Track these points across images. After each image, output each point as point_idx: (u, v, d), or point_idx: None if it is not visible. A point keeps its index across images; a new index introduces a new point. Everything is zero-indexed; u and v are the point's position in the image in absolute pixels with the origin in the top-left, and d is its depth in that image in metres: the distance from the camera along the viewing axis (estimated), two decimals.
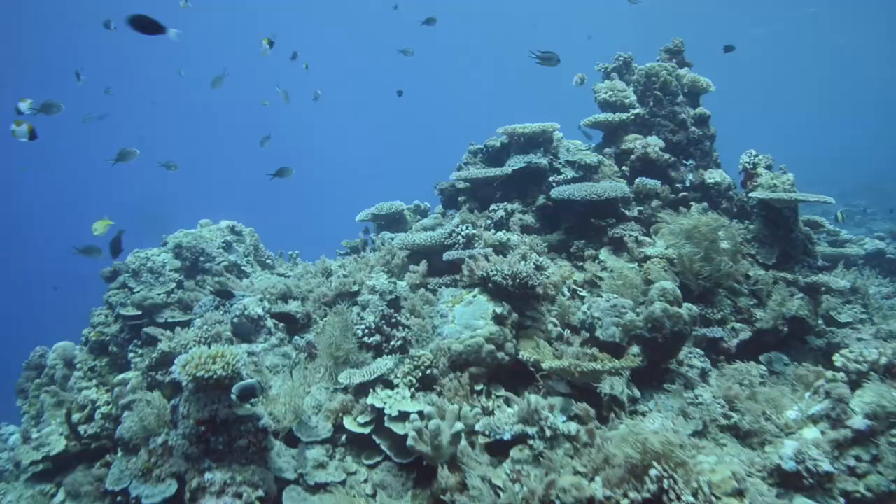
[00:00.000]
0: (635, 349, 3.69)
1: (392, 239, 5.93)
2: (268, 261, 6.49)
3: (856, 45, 36.98)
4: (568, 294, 4.50)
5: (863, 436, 2.83)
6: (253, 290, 5.20)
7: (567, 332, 4.03)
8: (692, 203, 5.26)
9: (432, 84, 42.61)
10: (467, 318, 3.96)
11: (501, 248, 4.70)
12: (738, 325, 4.34)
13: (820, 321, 4.62)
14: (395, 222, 6.51)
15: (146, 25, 3.27)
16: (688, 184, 5.30)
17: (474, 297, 4.13)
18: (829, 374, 3.24)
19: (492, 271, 4.07)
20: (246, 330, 4.44)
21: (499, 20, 39.66)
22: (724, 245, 4.37)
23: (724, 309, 4.35)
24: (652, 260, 4.46)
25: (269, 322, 4.55)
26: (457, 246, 4.88)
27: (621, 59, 6.05)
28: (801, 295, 4.48)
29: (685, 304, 3.79)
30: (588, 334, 3.89)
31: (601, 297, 4.09)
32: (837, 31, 34.52)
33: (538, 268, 4.43)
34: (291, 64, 8.07)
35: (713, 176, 5.33)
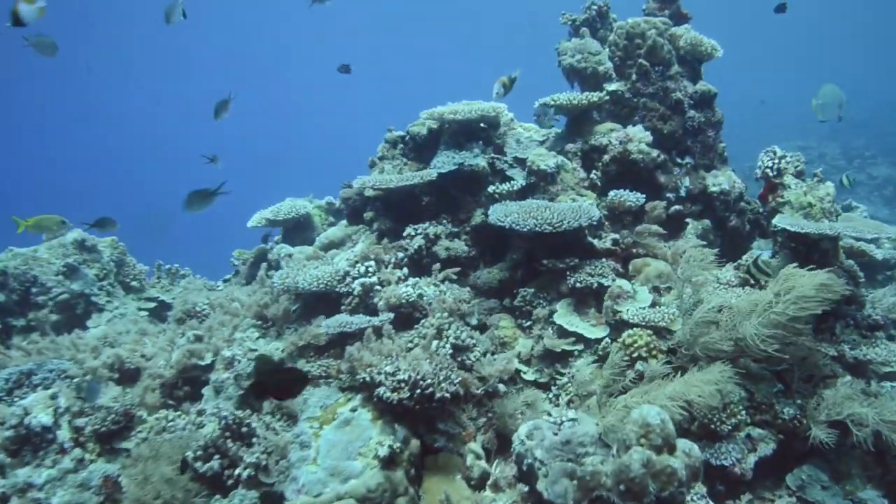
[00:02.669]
0: None
1: (287, 259, 4.41)
2: (134, 281, 4.95)
3: None
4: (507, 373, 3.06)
5: None
6: (82, 353, 3.70)
7: (498, 470, 2.62)
8: (688, 220, 3.75)
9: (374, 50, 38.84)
10: (339, 453, 2.52)
11: (410, 309, 3.20)
12: (755, 432, 2.92)
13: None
14: (299, 228, 4.96)
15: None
16: (683, 192, 3.77)
17: (354, 411, 2.68)
18: None
19: (380, 377, 2.61)
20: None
21: None
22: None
23: (735, 407, 2.91)
24: (631, 334, 2.99)
25: (65, 431, 3.07)
26: (350, 300, 3.37)
27: (594, 7, 4.35)
28: (848, 379, 3.06)
29: (682, 445, 2.35)
30: (526, 487, 2.47)
31: (548, 415, 2.64)
32: None
33: (460, 350, 2.96)
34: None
35: (719, 181, 3.79)
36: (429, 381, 2.57)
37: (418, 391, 2.55)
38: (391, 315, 3.09)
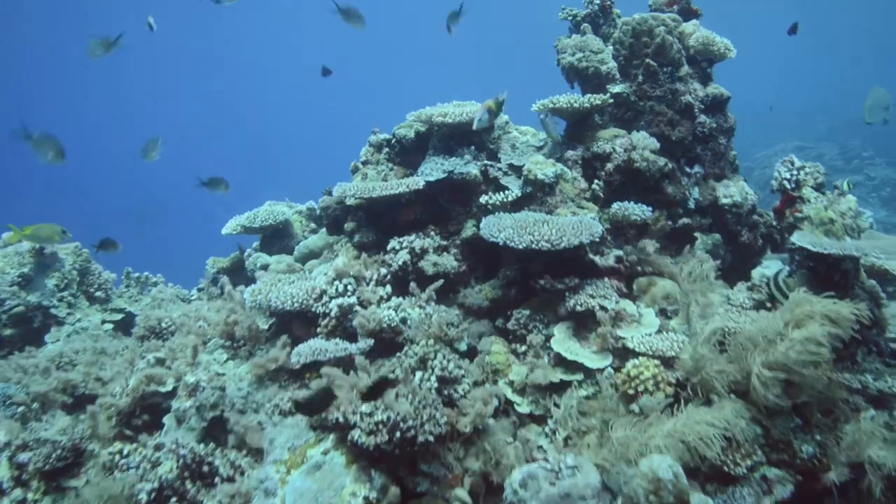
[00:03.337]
0: None
1: (259, 270, 4.10)
2: (98, 291, 4.60)
3: None
4: (500, 401, 2.77)
5: None
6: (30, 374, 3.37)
7: None
8: (697, 235, 3.45)
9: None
10: (307, 503, 2.22)
11: (392, 334, 2.88)
12: (772, 473, 2.63)
13: None
14: (278, 236, 4.64)
15: None
16: (692, 203, 3.48)
17: (326, 454, 2.37)
18: None
19: (354, 418, 2.30)
20: None
21: None
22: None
23: (750, 446, 2.62)
24: (637, 364, 2.69)
25: (5, 469, 2.74)
26: (327, 322, 3.05)
27: (597, 2, 4.03)
28: (872, 413, 2.77)
29: (696, 502, 2.06)
30: None
31: (544, 458, 2.34)
32: None
33: (446, 382, 2.65)
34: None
35: (730, 192, 3.50)
36: (410, 422, 2.26)
37: (398, 434, 2.24)
38: (371, 342, 2.78)
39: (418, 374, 2.60)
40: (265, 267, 4.25)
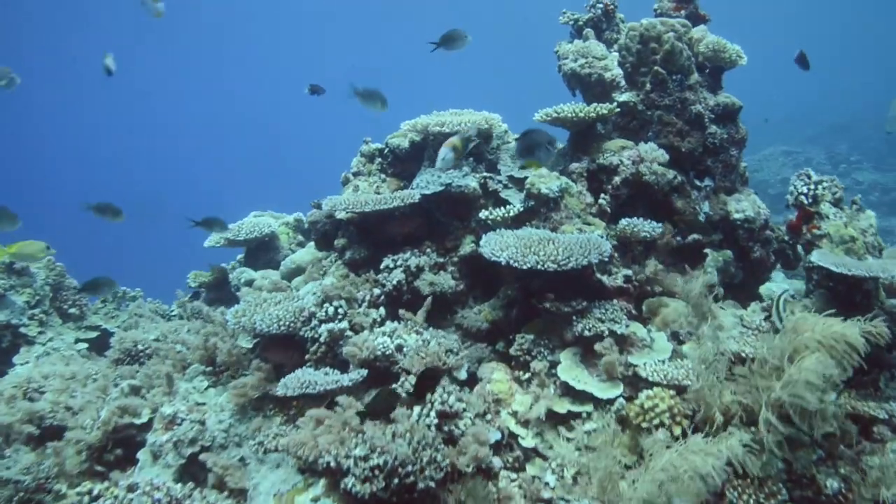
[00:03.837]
0: None
1: (244, 286, 3.89)
2: (73, 308, 4.34)
3: None
4: (503, 434, 2.57)
5: None
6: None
7: None
8: (707, 252, 3.27)
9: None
10: None
11: (388, 363, 2.67)
12: None
13: None
14: (263, 249, 4.41)
15: None
16: (702, 217, 3.29)
17: (316, 501, 2.15)
18: None
19: (348, 462, 2.08)
20: None
21: None
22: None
23: (774, 484, 2.43)
24: (651, 395, 2.50)
25: None
26: (316, 348, 2.83)
27: (600, 6, 3.84)
28: None
29: None
30: None
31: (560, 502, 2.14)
32: None
33: (447, 417, 2.44)
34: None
35: (742, 206, 3.32)
36: (409, 467, 2.05)
37: (396, 481, 2.03)
38: (364, 372, 2.57)
39: (416, 408, 2.39)
40: (250, 283, 4.03)
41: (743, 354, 2.74)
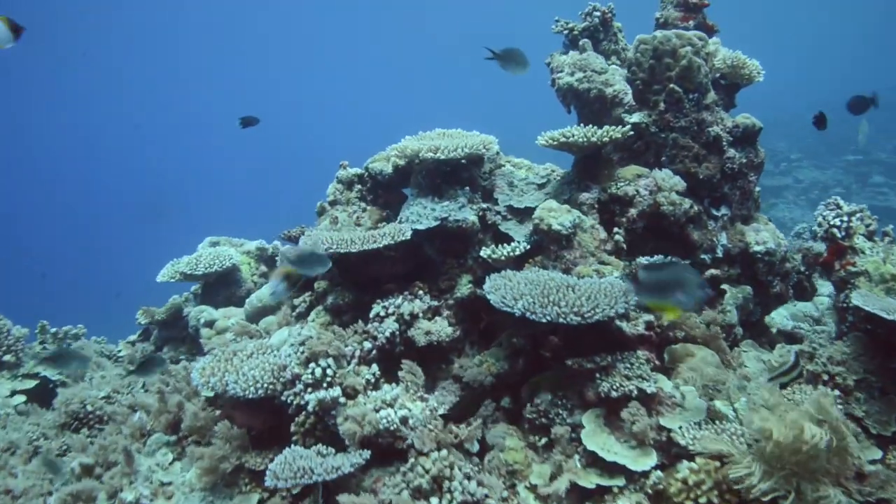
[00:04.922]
0: None
1: (204, 328, 3.45)
2: (7, 354, 3.78)
3: None
4: None
5: None
6: None
7: None
8: (725, 287, 3.00)
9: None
10: None
11: (391, 438, 2.28)
12: None
13: None
14: (223, 282, 3.94)
15: None
16: (720, 251, 3.01)
17: None
18: None
19: None
20: None
21: None
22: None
23: None
24: (695, 469, 2.19)
25: None
26: (304, 419, 2.42)
27: (597, 14, 3.51)
28: None
29: None
30: None
31: None
32: None
33: None
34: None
35: (762, 237, 3.05)
36: None
37: None
38: (367, 454, 2.18)
39: (433, 500, 2.02)
40: (210, 323, 3.58)
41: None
